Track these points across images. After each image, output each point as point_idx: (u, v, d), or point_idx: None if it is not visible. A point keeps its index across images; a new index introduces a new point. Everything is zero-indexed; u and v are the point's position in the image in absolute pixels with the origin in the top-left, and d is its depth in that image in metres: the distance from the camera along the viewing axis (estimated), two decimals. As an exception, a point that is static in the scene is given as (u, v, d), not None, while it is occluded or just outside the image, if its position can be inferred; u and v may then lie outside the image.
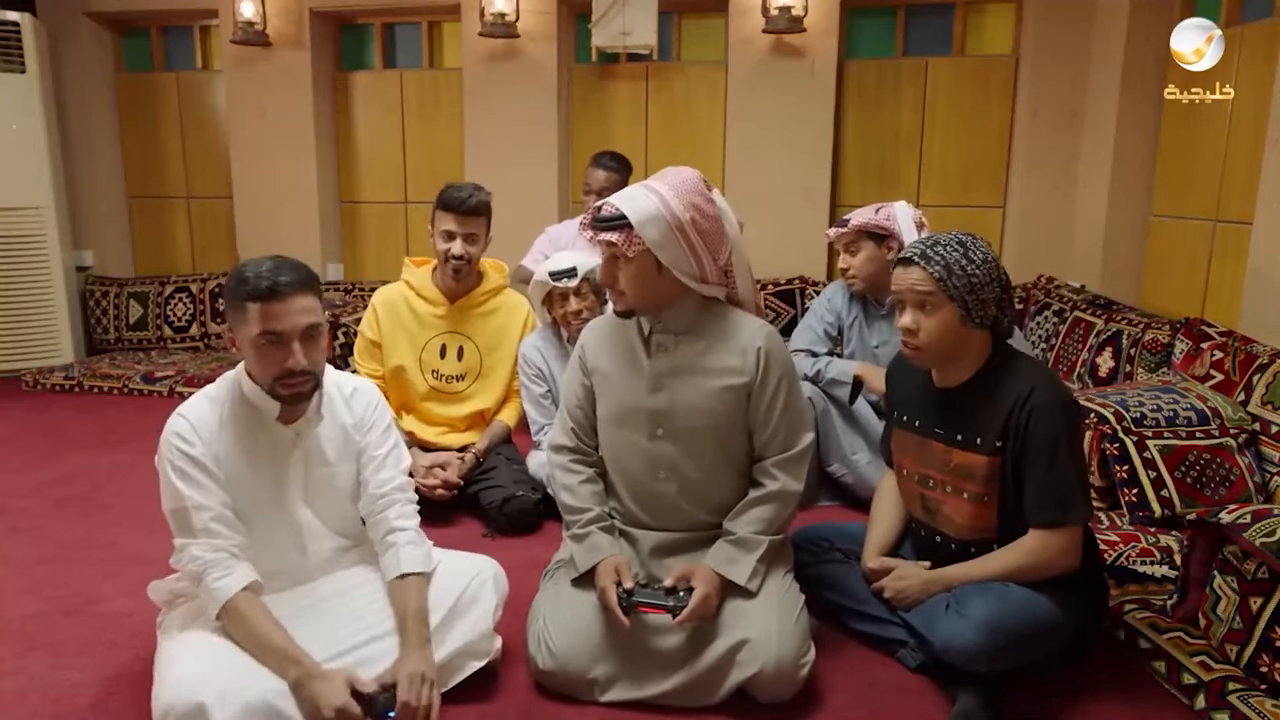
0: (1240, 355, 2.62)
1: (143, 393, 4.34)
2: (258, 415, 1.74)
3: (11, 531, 2.70)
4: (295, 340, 1.64)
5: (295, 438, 1.77)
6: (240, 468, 1.72)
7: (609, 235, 1.80)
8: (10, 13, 4.44)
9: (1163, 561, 2.19)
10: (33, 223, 4.61)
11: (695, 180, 1.83)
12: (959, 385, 1.87)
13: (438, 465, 2.76)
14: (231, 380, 1.76)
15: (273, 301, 1.61)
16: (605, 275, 1.88)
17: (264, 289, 1.61)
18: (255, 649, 1.60)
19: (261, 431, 1.75)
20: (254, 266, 1.64)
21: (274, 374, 1.66)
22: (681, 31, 4.64)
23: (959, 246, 1.78)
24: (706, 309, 1.92)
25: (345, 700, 1.53)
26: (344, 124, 5.02)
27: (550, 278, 2.71)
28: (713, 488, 1.94)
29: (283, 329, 1.63)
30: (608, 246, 1.82)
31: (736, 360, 1.88)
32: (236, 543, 1.68)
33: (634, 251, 1.79)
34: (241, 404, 1.74)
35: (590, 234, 1.84)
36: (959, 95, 4.34)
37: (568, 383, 2.06)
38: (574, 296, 2.72)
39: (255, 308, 1.62)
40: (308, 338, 1.66)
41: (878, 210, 2.83)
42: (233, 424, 1.73)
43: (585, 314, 2.71)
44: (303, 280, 1.66)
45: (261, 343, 1.64)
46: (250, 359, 1.68)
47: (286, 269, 1.64)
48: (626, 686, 1.80)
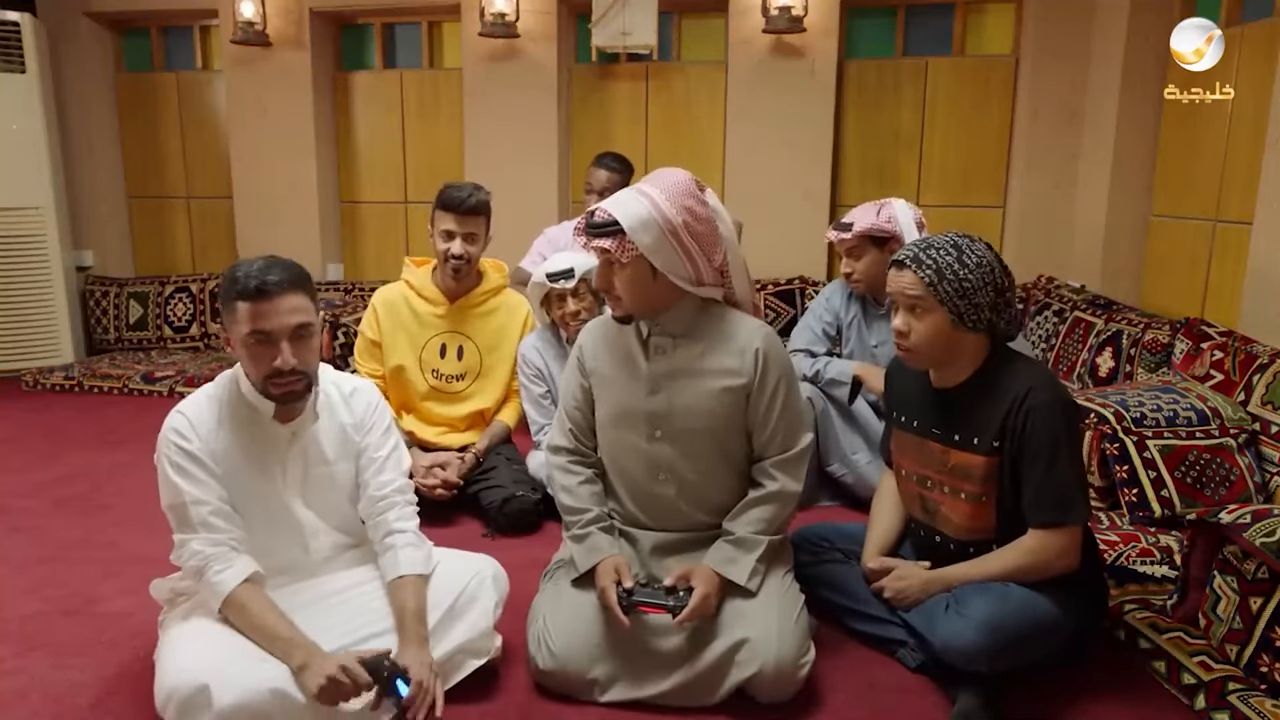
0: (1240, 355, 2.62)
1: (143, 393, 4.34)
2: (254, 414, 1.74)
3: (11, 531, 2.70)
4: (284, 340, 1.64)
5: (292, 437, 1.78)
6: (238, 465, 1.73)
7: (603, 242, 1.80)
8: (10, 13, 4.44)
9: (1163, 561, 2.19)
10: (33, 223, 4.61)
11: (687, 182, 1.83)
12: (956, 386, 1.87)
13: (437, 465, 2.76)
14: (229, 379, 1.77)
15: (261, 301, 1.61)
16: (601, 281, 1.87)
17: (252, 288, 1.61)
18: (260, 638, 1.61)
19: (258, 430, 1.75)
20: (245, 266, 1.64)
21: (264, 373, 1.66)
22: (681, 31, 4.65)
23: (953, 249, 1.77)
24: (704, 311, 1.92)
25: (351, 663, 1.54)
26: (344, 124, 5.02)
27: (548, 279, 2.71)
28: (712, 489, 1.94)
29: (271, 328, 1.63)
30: (602, 253, 1.82)
31: (735, 361, 1.88)
32: (235, 536, 1.69)
33: (628, 257, 1.79)
34: (239, 403, 1.75)
35: (584, 240, 1.84)
36: (959, 95, 4.34)
37: (566, 384, 2.06)
38: (571, 298, 2.72)
39: (245, 307, 1.62)
40: (297, 337, 1.66)
41: (879, 212, 2.80)
42: (231, 422, 1.74)
43: (584, 315, 2.71)
44: (292, 279, 1.65)
45: (251, 342, 1.64)
46: (242, 358, 1.69)
47: (276, 269, 1.64)
48: (626, 686, 1.80)
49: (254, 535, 1.73)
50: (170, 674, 1.53)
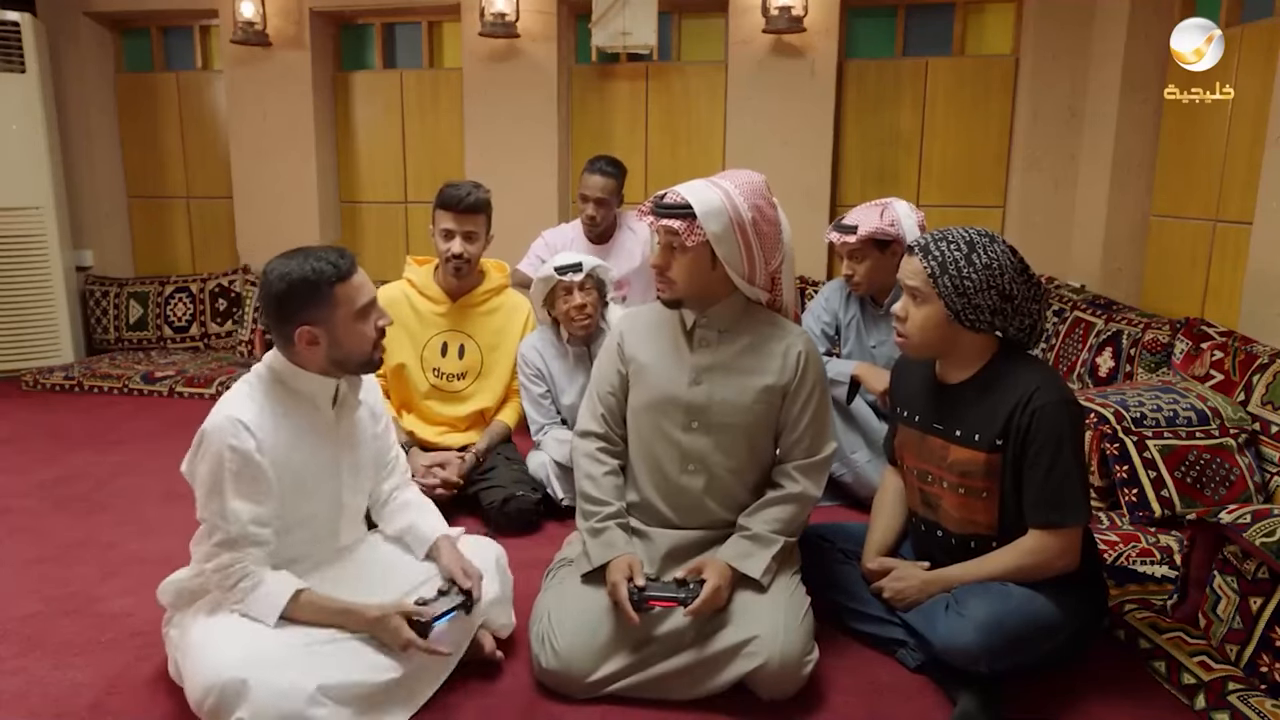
0: (1240, 355, 2.62)
1: (143, 393, 4.34)
2: (304, 403, 1.77)
3: (12, 531, 2.70)
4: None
5: (336, 421, 1.82)
6: (294, 456, 1.73)
7: (671, 222, 1.82)
8: (10, 13, 4.44)
9: (1163, 561, 2.20)
10: (33, 223, 4.61)
11: (761, 183, 1.88)
12: (960, 382, 1.87)
13: (437, 464, 2.76)
14: (267, 373, 1.76)
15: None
16: (660, 260, 1.90)
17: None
18: (329, 618, 1.68)
19: (309, 419, 1.77)
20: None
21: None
22: (681, 31, 4.65)
23: (965, 246, 1.76)
24: (749, 311, 1.96)
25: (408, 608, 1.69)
26: (344, 124, 5.02)
27: (556, 272, 2.73)
28: (737, 485, 1.96)
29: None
30: (667, 234, 1.85)
31: (776, 362, 1.92)
32: (272, 545, 1.71)
33: (693, 241, 1.82)
34: (287, 395, 1.75)
35: (651, 220, 1.87)
36: (959, 95, 4.34)
37: (601, 369, 2.06)
38: (578, 291, 2.73)
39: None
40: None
41: (881, 215, 2.77)
42: (283, 414, 1.74)
43: (589, 309, 2.73)
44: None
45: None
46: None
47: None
48: (629, 673, 1.79)
49: (292, 526, 1.76)
50: (207, 668, 1.55)
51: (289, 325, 1.68)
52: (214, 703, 1.52)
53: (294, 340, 1.69)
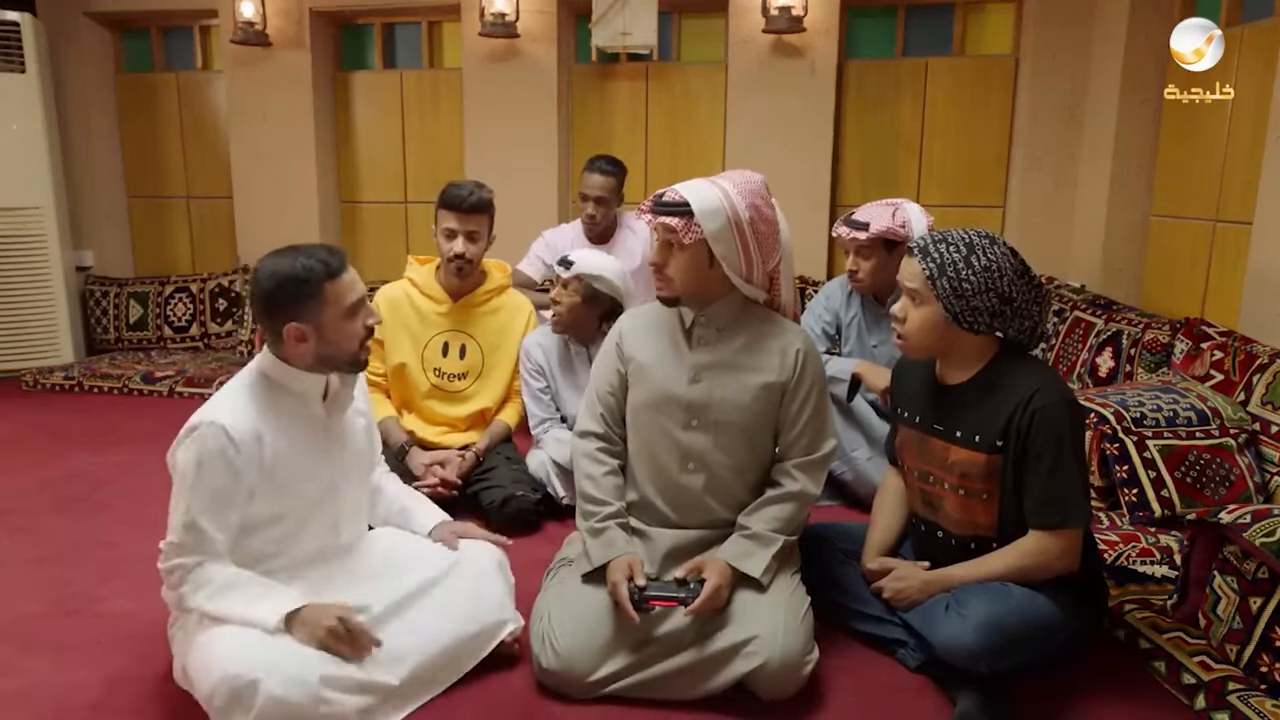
0: (1240, 355, 2.62)
1: (143, 393, 4.33)
2: (295, 400, 1.77)
3: (12, 531, 2.70)
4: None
5: (327, 418, 1.83)
6: (287, 456, 1.74)
7: (669, 219, 1.83)
8: (10, 13, 4.43)
9: (1163, 561, 2.20)
10: (33, 223, 4.61)
11: (759, 183, 1.88)
12: (960, 383, 1.87)
13: (437, 463, 2.76)
14: (257, 373, 1.77)
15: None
16: (658, 257, 1.91)
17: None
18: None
19: (303, 419, 1.78)
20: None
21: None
22: (681, 31, 4.65)
23: (964, 248, 1.76)
24: (747, 309, 1.96)
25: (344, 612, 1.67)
26: (344, 124, 5.02)
27: (555, 264, 2.83)
28: (737, 483, 1.97)
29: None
30: (665, 231, 1.86)
31: (775, 359, 1.92)
32: (222, 552, 1.70)
33: (690, 239, 1.83)
34: (278, 393, 1.76)
35: (649, 217, 1.88)
36: (959, 95, 4.34)
37: (601, 369, 2.07)
38: (561, 287, 2.79)
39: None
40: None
41: (894, 215, 2.75)
42: (274, 413, 1.74)
43: (561, 308, 2.79)
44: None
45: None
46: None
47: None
48: (629, 672, 1.79)
49: (290, 526, 1.77)
50: (217, 665, 1.55)
51: (278, 322, 1.69)
52: (224, 699, 1.53)
53: (283, 337, 1.70)
